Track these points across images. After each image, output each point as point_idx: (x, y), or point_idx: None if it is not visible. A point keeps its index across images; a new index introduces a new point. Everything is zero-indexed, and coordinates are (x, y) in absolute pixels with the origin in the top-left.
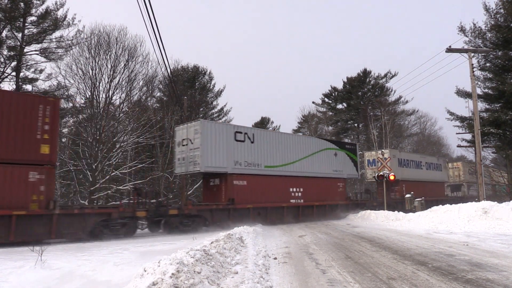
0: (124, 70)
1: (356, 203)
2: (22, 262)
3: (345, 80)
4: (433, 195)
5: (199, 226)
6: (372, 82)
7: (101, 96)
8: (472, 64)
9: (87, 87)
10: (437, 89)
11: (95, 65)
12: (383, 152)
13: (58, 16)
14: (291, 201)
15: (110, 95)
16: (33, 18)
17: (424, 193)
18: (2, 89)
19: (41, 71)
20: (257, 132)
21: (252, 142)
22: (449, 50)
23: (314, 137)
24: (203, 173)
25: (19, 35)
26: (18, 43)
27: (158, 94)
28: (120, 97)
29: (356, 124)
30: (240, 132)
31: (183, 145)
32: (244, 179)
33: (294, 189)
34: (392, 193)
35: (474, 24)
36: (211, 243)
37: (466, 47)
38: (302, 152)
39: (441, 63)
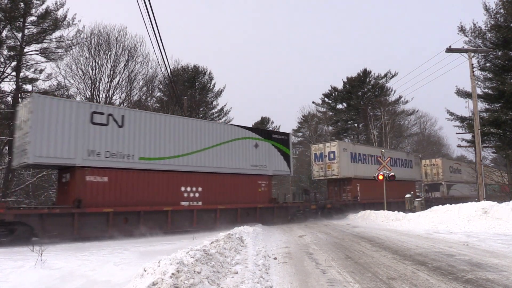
0: (124, 70)
1: (285, 206)
2: (22, 262)
3: (345, 80)
4: (398, 196)
5: (22, 237)
6: (372, 82)
7: (101, 96)
8: (472, 64)
9: (87, 87)
10: (437, 89)
11: (95, 65)
12: (382, 152)
13: (58, 16)
14: (183, 203)
15: (110, 95)
16: (33, 18)
17: (387, 194)
18: None
19: (41, 71)
20: (130, 113)
21: (120, 126)
22: (449, 50)
23: (223, 124)
24: (37, 165)
25: (19, 35)
26: (18, 43)
27: (158, 94)
28: (120, 97)
29: (356, 124)
30: (101, 113)
31: (20, 129)
32: (105, 175)
33: (189, 188)
34: (344, 193)
35: (474, 24)
36: (211, 243)
37: (466, 47)
38: (203, 141)
39: (441, 63)
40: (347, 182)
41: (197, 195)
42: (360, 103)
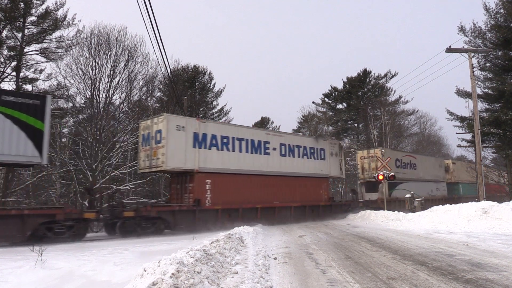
0: (124, 70)
1: (31, 214)
2: (22, 262)
3: (345, 80)
4: (291, 198)
5: None
6: (372, 82)
7: (101, 96)
8: (472, 64)
9: (87, 87)
10: (437, 89)
11: (95, 65)
12: (382, 151)
13: (58, 16)
14: None
15: (110, 95)
16: (33, 18)
17: (269, 196)
18: None
19: (41, 71)
20: None
21: None
22: (449, 50)
23: None
24: None
25: (19, 35)
26: (18, 43)
27: (158, 94)
28: (120, 97)
29: (356, 124)
30: None
31: None
32: None
33: None
34: (186, 194)
35: (474, 24)
36: (211, 243)
37: (466, 47)
38: None
39: (441, 63)
40: (189, 178)
41: None
42: (360, 103)
